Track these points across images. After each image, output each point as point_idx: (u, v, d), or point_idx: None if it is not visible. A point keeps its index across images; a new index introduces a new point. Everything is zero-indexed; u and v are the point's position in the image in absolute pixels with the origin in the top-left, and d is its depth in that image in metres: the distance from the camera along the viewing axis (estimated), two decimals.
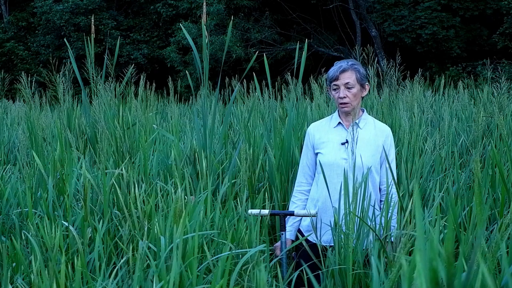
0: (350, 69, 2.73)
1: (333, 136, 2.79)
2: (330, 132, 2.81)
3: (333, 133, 2.80)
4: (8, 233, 2.82)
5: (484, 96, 6.38)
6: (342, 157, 2.72)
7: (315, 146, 2.84)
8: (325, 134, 2.82)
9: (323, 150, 2.79)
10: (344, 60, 2.80)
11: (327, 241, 2.63)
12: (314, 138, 2.85)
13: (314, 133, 2.86)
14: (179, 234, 2.02)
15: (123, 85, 5.19)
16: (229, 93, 9.34)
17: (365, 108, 6.03)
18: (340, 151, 2.74)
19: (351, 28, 16.00)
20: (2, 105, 8.54)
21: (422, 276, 0.98)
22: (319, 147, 2.82)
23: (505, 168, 3.28)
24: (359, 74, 2.74)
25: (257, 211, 2.60)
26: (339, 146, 2.76)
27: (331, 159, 2.74)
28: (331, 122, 2.85)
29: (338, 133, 2.79)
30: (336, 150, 2.75)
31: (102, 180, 2.70)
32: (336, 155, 2.74)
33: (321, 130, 2.85)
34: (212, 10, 14.97)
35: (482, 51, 14.44)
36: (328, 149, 2.77)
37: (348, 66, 2.73)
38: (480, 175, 1.89)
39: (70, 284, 2.10)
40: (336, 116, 2.84)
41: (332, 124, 2.83)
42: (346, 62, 2.77)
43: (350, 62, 2.76)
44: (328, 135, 2.81)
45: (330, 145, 2.77)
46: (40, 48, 17.43)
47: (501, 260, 1.89)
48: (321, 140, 2.81)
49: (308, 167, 2.89)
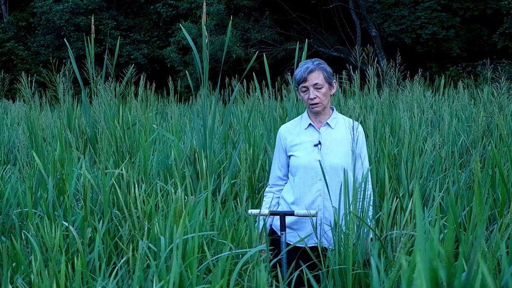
0: (317, 69, 2.70)
1: (305, 138, 2.77)
2: (301, 134, 2.79)
3: (304, 135, 2.78)
4: (8, 233, 2.82)
5: (484, 96, 6.37)
6: (316, 159, 2.72)
7: (287, 149, 2.82)
8: (296, 136, 2.80)
9: (296, 153, 2.77)
10: (309, 60, 2.76)
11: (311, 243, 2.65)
12: (286, 141, 2.82)
13: (285, 136, 2.83)
14: (179, 234, 2.02)
15: (123, 85, 5.19)
16: (229, 93, 9.34)
17: (365, 108, 6.03)
18: (314, 153, 2.74)
19: (351, 28, 16.00)
20: (2, 105, 8.54)
21: (422, 276, 0.98)
22: (291, 150, 2.79)
23: (505, 168, 3.28)
24: (326, 73, 2.73)
25: (257, 211, 2.60)
26: (312, 148, 2.75)
27: (305, 161, 2.73)
28: (301, 123, 2.82)
29: (309, 135, 2.78)
30: (309, 152, 2.74)
31: (102, 180, 2.70)
32: (309, 157, 2.73)
33: (292, 133, 2.82)
34: (212, 10, 14.97)
35: (482, 51, 14.44)
36: (302, 152, 2.75)
37: (315, 66, 2.70)
38: (480, 175, 1.89)
39: (70, 284, 2.10)
40: (306, 117, 2.82)
41: (303, 126, 2.80)
42: (312, 62, 2.73)
43: (316, 62, 2.73)
44: (300, 137, 2.79)
45: (303, 147, 2.76)
46: (40, 48, 17.42)
47: (501, 260, 1.89)
48: (293, 143, 2.79)
49: (279, 169, 2.86)
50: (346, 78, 7.35)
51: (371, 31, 14.86)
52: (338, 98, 6.47)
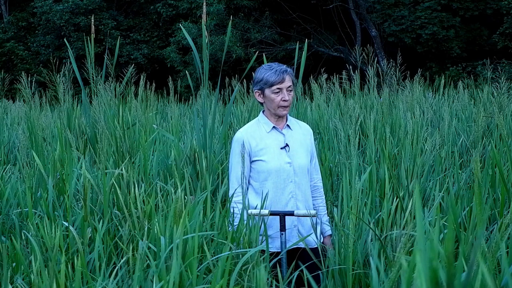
0: (288, 72, 2.75)
1: (270, 141, 2.77)
2: (265, 138, 2.78)
3: (268, 139, 2.78)
4: (8, 233, 2.81)
5: (484, 96, 6.37)
6: (286, 161, 2.75)
7: (252, 154, 2.77)
8: (261, 140, 2.77)
9: (264, 157, 2.75)
10: (276, 64, 2.77)
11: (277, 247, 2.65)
12: (251, 146, 2.76)
13: (249, 141, 2.76)
14: (179, 234, 2.02)
15: (123, 85, 5.19)
16: (229, 93, 9.34)
17: (365, 108, 6.04)
18: (282, 156, 2.75)
19: (351, 28, 16.00)
20: (2, 105, 8.54)
21: (422, 276, 0.98)
22: (258, 155, 2.76)
23: (505, 168, 3.28)
24: (293, 78, 2.79)
25: (257, 211, 2.60)
26: (279, 151, 2.76)
27: (277, 165, 2.74)
28: (262, 127, 2.80)
29: (274, 138, 2.78)
30: (277, 155, 2.75)
31: (102, 180, 2.70)
32: (280, 160, 2.74)
33: (255, 137, 2.78)
34: (212, 10, 14.96)
35: (482, 51, 14.44)
36: (270, 156, 2.75)
37: (286, 69, 2.74)
38: (480, 175, 1.89)
39: (70, 284, 2.10)
40: (266, 121, 2.80)
41: (265, 129, 2.79)
42: (281, 65, 2.74)
43: (285, 66, 2.76)
44: (264, 141, 2.77)
45: (271, 151, 2.76)
46: (40, 48, 17.42)
47: (501, 260, 1.89)
48: (259, 147, 2.76)
49: (243, 174, 2.74)
50: (346, 78, 7.35)
51: (371, 31, 14.86)
52: (338, 98, 6.47)
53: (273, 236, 2.68)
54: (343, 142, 3.42)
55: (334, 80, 7.01)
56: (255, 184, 2.78)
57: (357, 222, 2.39)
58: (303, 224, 2.78)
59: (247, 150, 2.76)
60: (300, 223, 2.77)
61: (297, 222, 2.77)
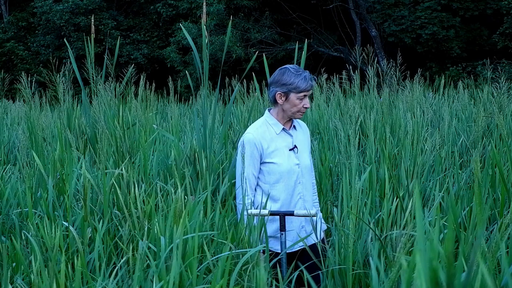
0: (314, 80, 2.79)
1: (279, 143, 2.77)
2: (275, 140, 2.77)
3: (278, 140, 2.77)
4: (8, 233, 2.81)
5: (484, 96, 6.37)
6: (295, 163, 2.77)
7: (263, 156, 2.75)
8: (271, 142, 2.76)
9: (276, 159, 2.74)
10: (301, 69, 2.77)
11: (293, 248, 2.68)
12: (262, 147, 2.74)
13: (261, 142, 2.73)
14: (179, 234, 2.02)
15: (123, 85, 5.19)
16: (229, 93, 9.34)
17: (365, 108, 6.04)
18: (291, 157, 2.77)
19: (351, 28, 16.00)
20: (2, 105, 8.54)
21: (422, 276, 0.98)
22: (269, 157, 2.74)
23: (505, 168, 3.28)
24: None
25: (257, 211, 2.60)
26: (288, 153, 2.77)
27: (288, 167, 2.74)
28: (272, 128, 2.78)
29: (283, 139, 2.78)
30: (287, 157, 2.76)
31: (102, 180, 2.70)
32: (290, 162, 2.76)
33: (266, 139, 2.76)
34: (212, 10, 14.96)
35: (482, 51, 14.44)
36: (281, 157, 2.75)
37: (313, 77, 2.77)
38: (480, 175, 1.89)
39: (70, 284, 2.10)
40: (275, 122, 2.79)
41: (274, 131, 2.78)
42: (306, 72, 2.75)
43: (309, 72, 2.77)
44: (275, 143, 2.76)
45: (281, 152, 2.76)
46: (40, 48, 17.42)
47: (501, 260, 1.89)
48: (270, 149, 2.74)
49: (255, 177, 2.76)
50: (346, 78, 7.36)
51: (371, 31, 14.86)
52: (338, 98, 6.48)
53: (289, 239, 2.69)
54: (343, 142, 3.42)
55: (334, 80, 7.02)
56: (265, 186, 2.76)
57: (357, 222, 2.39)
58: (310, 225, 2.79)
59: (258, 152, 2.75)
60: (307, 223, 2.79)
61: (304, 223, 2.78)
